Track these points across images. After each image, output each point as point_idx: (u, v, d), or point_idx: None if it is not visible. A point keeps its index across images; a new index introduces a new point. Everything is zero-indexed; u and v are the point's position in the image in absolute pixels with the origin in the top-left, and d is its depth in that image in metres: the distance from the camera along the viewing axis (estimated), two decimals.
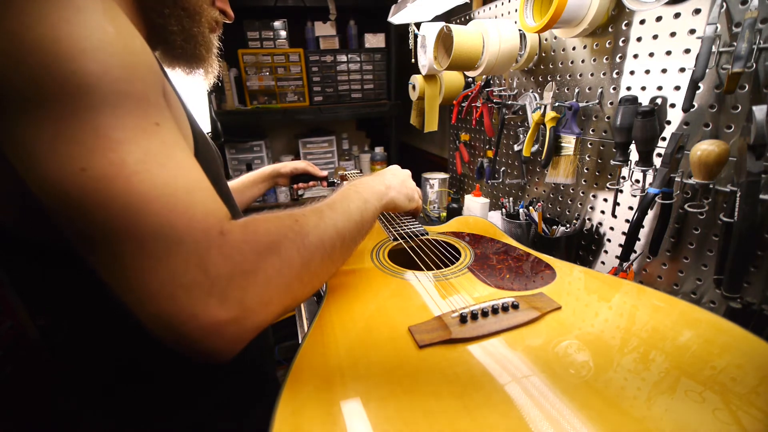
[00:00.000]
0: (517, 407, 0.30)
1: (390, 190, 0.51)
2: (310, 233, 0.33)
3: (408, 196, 0.55)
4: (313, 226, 0.34)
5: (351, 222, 0.39)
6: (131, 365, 0.42)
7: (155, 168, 0.26)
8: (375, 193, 0.46)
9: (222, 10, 0.47)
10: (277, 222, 0.32)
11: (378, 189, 0.48)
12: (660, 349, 0.36)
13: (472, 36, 0.81)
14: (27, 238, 0.35)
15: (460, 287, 0.50)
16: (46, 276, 0.38)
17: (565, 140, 0.76)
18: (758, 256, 0.50)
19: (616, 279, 0.50)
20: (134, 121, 0.26)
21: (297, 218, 0.34)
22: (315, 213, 0.36)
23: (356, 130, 2.02)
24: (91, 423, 0.43)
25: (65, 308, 0.40)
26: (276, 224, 0.32)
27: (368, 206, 0.44)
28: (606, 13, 0.65)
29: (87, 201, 0.24)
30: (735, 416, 0.28)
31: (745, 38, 0.45)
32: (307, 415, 0.30)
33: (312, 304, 0.76)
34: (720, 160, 0.48)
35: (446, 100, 1.12)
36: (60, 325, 0.41)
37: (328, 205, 0.39)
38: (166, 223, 0.25)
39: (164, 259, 0.25)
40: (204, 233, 0.27)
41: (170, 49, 0.43)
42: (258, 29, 1.51)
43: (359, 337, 0.40)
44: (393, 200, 0.51)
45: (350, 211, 0.40)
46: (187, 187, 0.28)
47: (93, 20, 0.26)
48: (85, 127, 0.24)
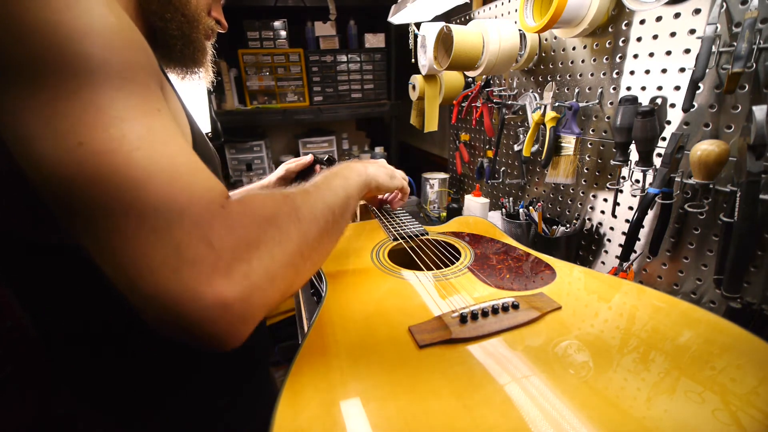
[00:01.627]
0: (517, 407, 0.30)
1: (368, 167, 0.52)
2: (302, 207, 0.34)
3: (388, 174, 0.58)
4: (303, 201, 0.35)
5: (338, 197, 0.40)
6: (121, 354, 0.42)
7: (157, 145, 0.26)
8: (354, 170, 0.48)
9: (217, 19, 0.48)
10: (270, 197, 0.32)
11: (356, 167, 0.49)
12: (660, 349, 0.36)
13: (472, 36, 0.81)
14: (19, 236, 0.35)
15: (460, 287, 0.50)
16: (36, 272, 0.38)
17: (565, 140, 0.76)
18: (758, 256, 0.50)
19: (616, 279, 0.50)
20: (136, 102, 0.26)
21: (286, 195, 0.34)
22: (302, 191, 0.37)
23: (356, 130, 2.02)
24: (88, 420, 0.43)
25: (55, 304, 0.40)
26: (270, 199, 0.32)
27: (350, 182, 0.44)
28: (606, 13, 0.65)
29: (84, 176, 0.24)
30: (735, 416, 0.28)
31: (745, 38, 0.45)
32: (307, 415, 0.30)
33: (312, 304, 0.76)
34: (720, 160, 0.48)
35: (446, 100, 1.12)
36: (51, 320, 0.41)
37: (311, 185, 0.39)
38: (168, 197, 0.25)
39: (167, 233, 0.24)
40: (206, 206, 0.26)
41: (169, 52, 0.44)
42: (258, 29, 1.51)
43: (359, 337, 0.40)
44: (374, 176, 0.53)
45: (334, 187, 0.41)
46: (189, 165, 0.27)
47: (96, 9, 0.26)
48: (85, 104, 0.24)
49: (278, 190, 0.35)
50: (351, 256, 0.61)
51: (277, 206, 0.32)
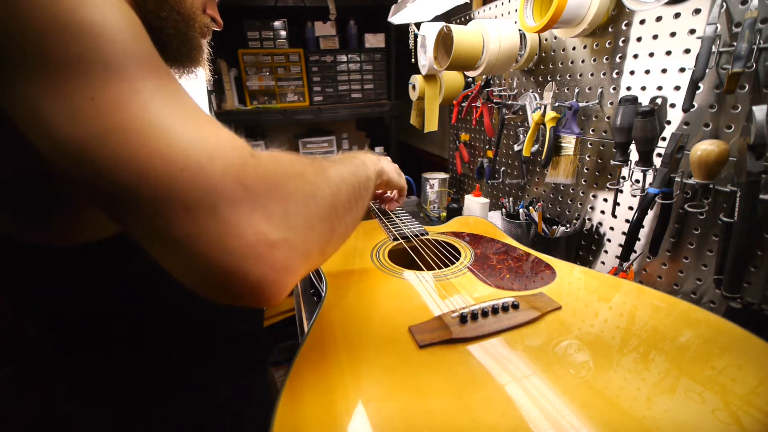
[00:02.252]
0: (518, 407, 0.30)
1: (381, 160, 0.53)
2: (329, 169, 0.34)
3: (396, 170, 0.60)
4: (329, 165, 0.35)
5: (359, 172, 0.40)
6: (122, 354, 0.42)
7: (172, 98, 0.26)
8: (369, 158, 0.48)
9: (212, 17, 0.48)
10: (297, 156, 0.32)
11: (372, 156, 0.50)
12: (660, 349, 0.36)
13: (472, 36, 0.81)
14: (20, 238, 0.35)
15: (460, 287, 0.50)
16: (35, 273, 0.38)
17: (565, 140, 0.76)
18: (758, 256, 0.50)
19: (616, 279, 0.50)
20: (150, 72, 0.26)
21: (312, 158, 0.34)
22: (328, 159, 0.36)
23: (356, 130, 2.02)
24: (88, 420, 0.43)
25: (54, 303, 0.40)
26: (297, 158, 0.32)
27: (368, 166, 0.45)
28: (606, 13, 0.65)
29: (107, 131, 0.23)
30: (735, 416, 0.28)
31: (745, 38, 0.45)
32: (307, 415, 0.30)
33: (312, 304, 0.76)
34: (720, 160, 0.48)
35: (446, 100, 1.12)
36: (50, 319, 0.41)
37: (333, 158, 0.39)
38: (194, 142, 0.24)
39: (200, 174, 0.24)
40: (236, 151, 0.26)
41: (165, 51, 0.43)
42: (258, 29, 1.51)
43: (359, 337, 0.40)
44: (386, 170, 0.54)
45: (357, 164, 0.41)
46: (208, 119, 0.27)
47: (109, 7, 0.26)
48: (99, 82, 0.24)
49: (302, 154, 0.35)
50: (351, 256, 0.61)
51: (304, 165, 0.31)
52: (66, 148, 0.23)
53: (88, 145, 0.23)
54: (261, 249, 0.25)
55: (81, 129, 0.23)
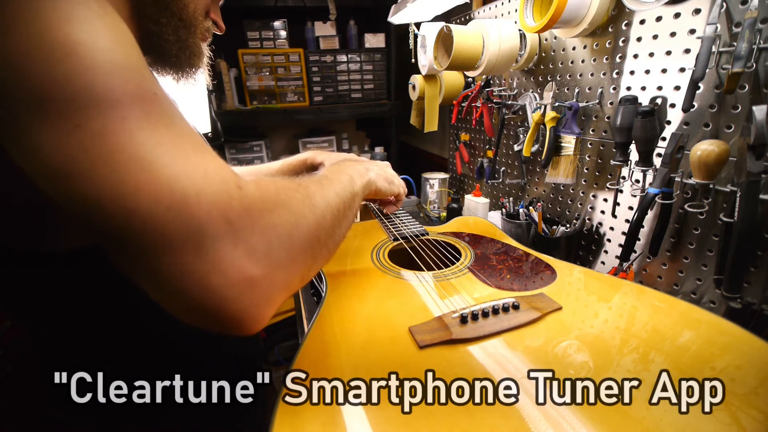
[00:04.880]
0: (518, 408, 0.30)
1: (370, 171, 0.53)
2: (316, 194, 0.34)
3: (387, 179, 0.59)
4: (316, 189, 0.35)
5: (345, 192, 0.40)
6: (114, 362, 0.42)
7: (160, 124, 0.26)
8: (357, 171, 0.48)
9: (214, 21, 0.48)
10: (283, 183, 0.32)
11: (359, 168, 0.50)
12: (660, 350, 0.36)
13: (472, 36, 0.81)
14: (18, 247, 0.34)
15: (461, 287, 0.50)
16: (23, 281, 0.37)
17: (565, 140, 0.76)
18: (758, 256, 0.50)
19: (616, 279, 0.50)
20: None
21: (299, 183, 0.34)
22: (314, 181, 0.37)
23: (356, 130, 2.02)
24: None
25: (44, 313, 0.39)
26: (283, 185, 0.32)
27: (355, 181, 0.45)
28: (606, 13, 0.65)
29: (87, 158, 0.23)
30: (735, 416, 0.28)
31: (745, 38, 0.45)
32: (307, 415, 0.30)
33: (312, 304, 0.76)
34: (720, 160, 0.48)
35: (446, 100, 1.12)
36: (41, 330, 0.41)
37: (321, 176, 0.39)
38: (181, 174, 0.24)
39: (185, 211, 0.24)
40: (222, 184, 0.26)
41: (163, 57, 0.43)
42: (258, 29, 1.51)
43: (359, 337, 0.40)
44: (373, 181, 0.53)
45: (343, 181, 0.41)
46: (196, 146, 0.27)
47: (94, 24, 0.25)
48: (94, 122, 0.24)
49: (289, 178, 0.35)
50: (351, 257, 0.61)
51: (290, 192, 0.32)
52: (54, 177, 0.23)
53: (75, 174, 0.23)
54: (242, 287, 0.25)
55: (67, 157, 0.23)
